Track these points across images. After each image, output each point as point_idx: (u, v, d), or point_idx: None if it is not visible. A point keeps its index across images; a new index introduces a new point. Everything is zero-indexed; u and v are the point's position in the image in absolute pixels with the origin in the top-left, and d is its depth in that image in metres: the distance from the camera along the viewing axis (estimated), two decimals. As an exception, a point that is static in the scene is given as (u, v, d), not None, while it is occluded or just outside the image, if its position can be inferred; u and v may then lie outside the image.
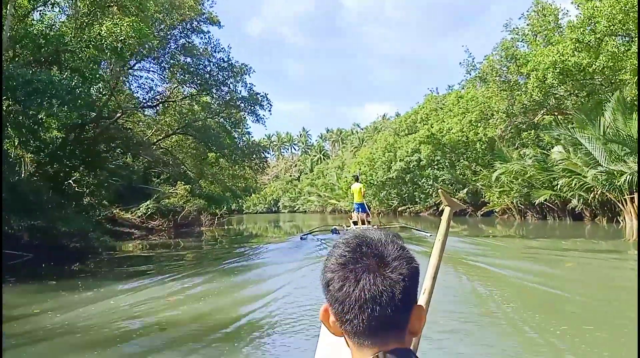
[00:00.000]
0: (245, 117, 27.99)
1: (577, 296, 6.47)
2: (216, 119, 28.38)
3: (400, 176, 38.32)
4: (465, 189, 30.79)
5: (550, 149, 22.16)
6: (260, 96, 25.98)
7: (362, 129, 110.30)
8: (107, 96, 19.23)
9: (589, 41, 15.44)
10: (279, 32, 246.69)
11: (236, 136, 28.13)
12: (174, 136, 31.08)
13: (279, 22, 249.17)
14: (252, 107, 26.06)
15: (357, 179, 18.36)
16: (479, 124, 25.70)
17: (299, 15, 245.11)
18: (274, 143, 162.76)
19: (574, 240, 14.72)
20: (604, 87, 18.17)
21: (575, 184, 18.90)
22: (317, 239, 15.44)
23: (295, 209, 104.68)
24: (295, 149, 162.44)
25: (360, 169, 44.13)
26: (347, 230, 15.73)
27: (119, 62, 19.19)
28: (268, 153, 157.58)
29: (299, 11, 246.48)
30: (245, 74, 22.33)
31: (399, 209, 48.64)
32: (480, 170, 29.78)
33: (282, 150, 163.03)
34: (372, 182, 43.62)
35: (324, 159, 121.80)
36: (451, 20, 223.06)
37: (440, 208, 35.43)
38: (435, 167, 36.01)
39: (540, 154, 21.86)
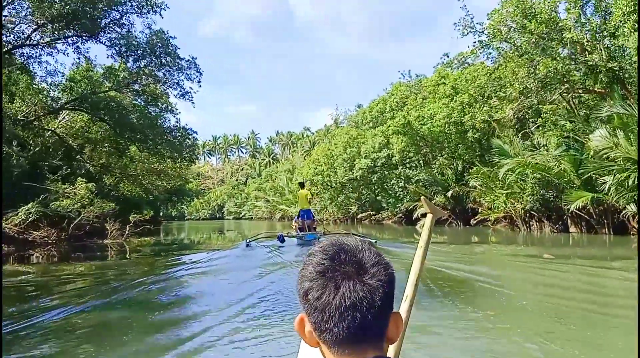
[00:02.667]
0: (166, 92, 20.64)
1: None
2: (128, 95, 20.84)
3: (365, 176, 31.85)
4: (450, 192, 24.72)
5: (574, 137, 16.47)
6: (186, 61, 18.87)
7: (313, 133, 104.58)
8: None
9: None
10: (232, 34, 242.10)
11: (154, 115, 20.59)
12: (77, 118, 23.19)
13: (232, 24, 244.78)
14: (175, 76, 18.89)
15: (302, 186, 17.44)
16: (480, 105, 19.66)
17: (252, 18, 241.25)
18: (220, 145, 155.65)
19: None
20: None
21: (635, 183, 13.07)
22: (262, 246, 14.78)
23: (241, 215, 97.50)
24: (242, 153, 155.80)
25: (316, 168, 37.36)
26: (290, 236, 15.54)
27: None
28: (211, 154, 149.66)
29: (252, 14, 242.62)
30: (154, 11, 14.99)
31: (360, 216, 42.30)
32: (471, 167, 23.94)
33: (228, 153, 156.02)
34: (330, 184, 36.94)
35: (273, 163, 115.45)
36: (406, 26, 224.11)
37: (415, 216, 29.52)
38: (407, 165, 29.89)
39: (571, 142, 15.96)
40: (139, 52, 16.23)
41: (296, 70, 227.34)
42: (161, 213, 77.13)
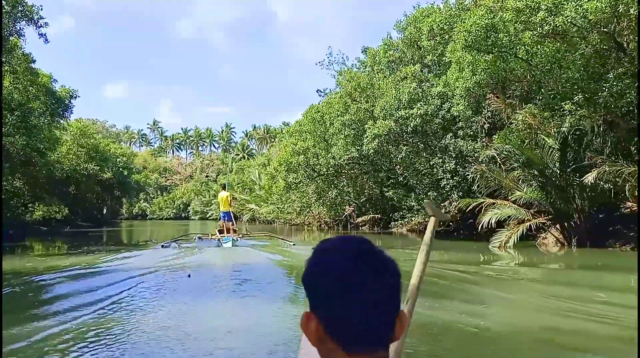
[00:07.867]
0: None
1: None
2: None
3: (381, 151, 18.44)
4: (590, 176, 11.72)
5: None
6: None
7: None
8: None
9: None
10: (210, 36, 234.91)
11: None
12: None
13: (209, 26, 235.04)
14: None
15: (224, 188, 18.18)
16: None
17: (230, 21, 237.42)
18: (191, 139, 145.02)
19: None
20: None
21: None
22: (178, 246, 15.51)
23: (207, 215, 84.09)
24: (215, 147, 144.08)
25: (296, 144, 23.76)
26: (212, 238, 16.64)
27: None
28: (180, 148, 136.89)
29: (231, 17, 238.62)
30: None
31: (359, 220, 29.02)
32: (607, 127, 11.20)
33: (200, 147, 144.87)
34: (318, 170, 23.54)
35: (248, 158, 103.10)
36: (379, 34, 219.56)
37: (481, 222, 16.61)
38: (459, 134, 16.91)
39: None
40: None
41: (275, 74, 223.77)
42: (104, 211, 63.64)
